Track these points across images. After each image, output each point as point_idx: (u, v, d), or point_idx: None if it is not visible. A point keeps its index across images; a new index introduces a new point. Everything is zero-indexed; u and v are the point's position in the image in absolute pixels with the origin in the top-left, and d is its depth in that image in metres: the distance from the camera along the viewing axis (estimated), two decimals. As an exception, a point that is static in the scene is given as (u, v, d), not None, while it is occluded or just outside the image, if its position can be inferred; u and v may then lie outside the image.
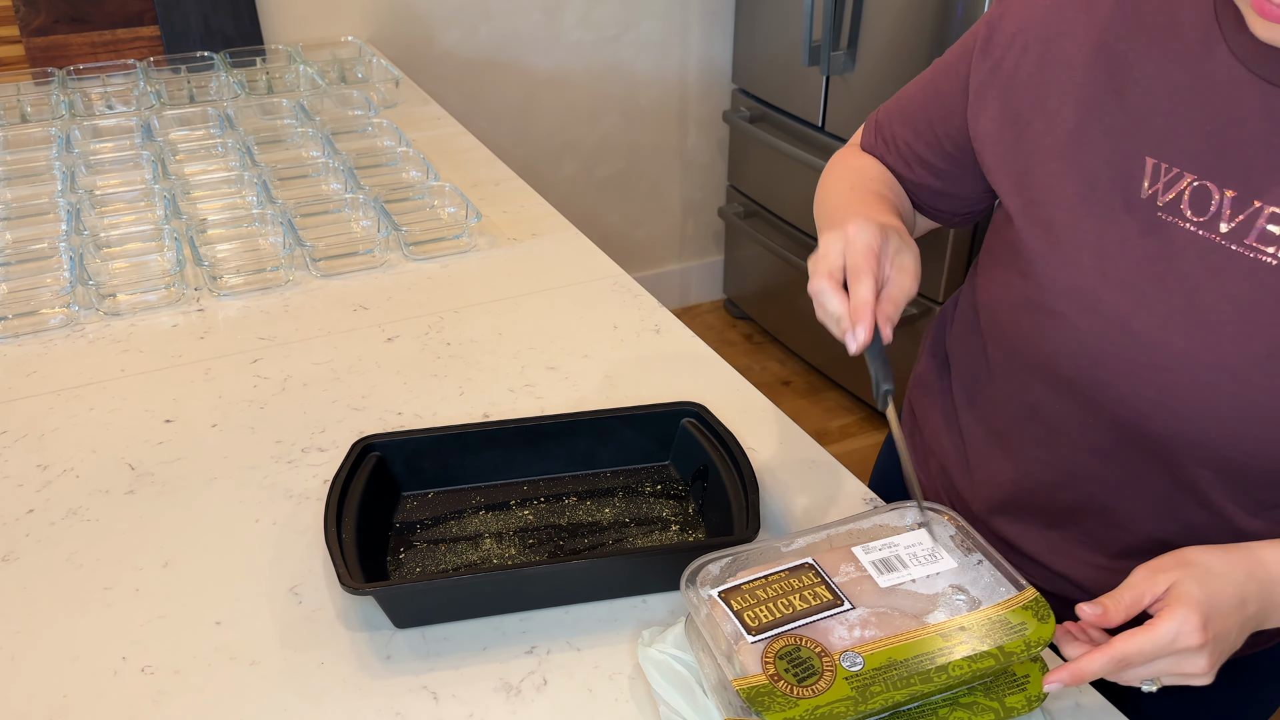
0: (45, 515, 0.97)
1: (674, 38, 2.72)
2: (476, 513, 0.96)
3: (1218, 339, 0.74)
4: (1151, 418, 0.79)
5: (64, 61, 2.06)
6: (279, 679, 0.80)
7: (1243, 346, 0.73)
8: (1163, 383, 0.77)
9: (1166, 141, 0.75)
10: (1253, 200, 0.72)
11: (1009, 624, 0.75)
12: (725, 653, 0.73)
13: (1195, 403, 0.76)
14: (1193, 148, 0.74)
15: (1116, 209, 0.78)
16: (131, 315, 1.28)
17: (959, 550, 0.80)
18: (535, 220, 1.51)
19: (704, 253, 3.10)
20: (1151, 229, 0.76)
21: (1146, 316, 0.77)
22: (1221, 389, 0.74)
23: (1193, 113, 0.74)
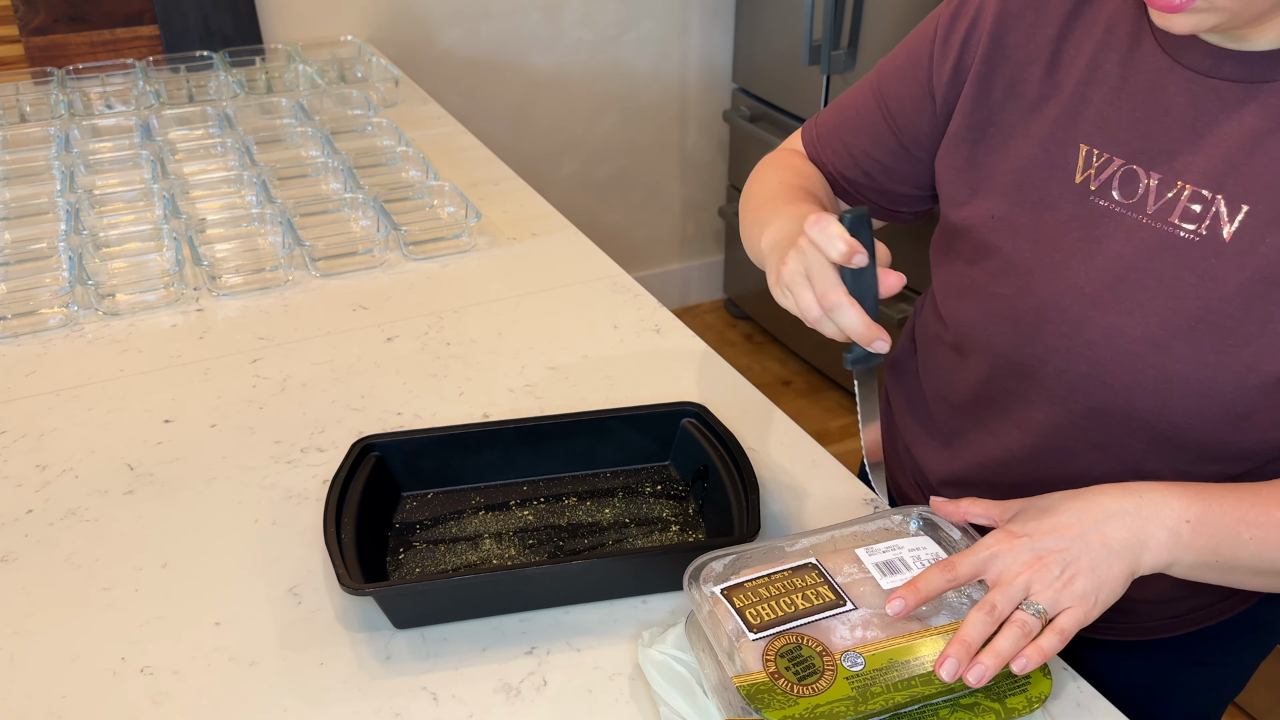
0: (44, 515, 0.96)
1: (674, 37, 2.72)
2: (476, 513, 0.96)
3: (1144, 313, 0.77)
4: (1085, 391, 0.82)
5: (63, 61, 2.06)
6: (278, 680, 0.80)
7: (1166, 320, 0.76)
8: (1093, 358, 0.81)
9: (1098, 129, 0.80)
10: (1176, 181, 0.76)
11: None
12: (726, 650, 0.73)
13: (1123, 375, 0.79)
14: (1122, 134, 0.78)
15: (1052, 194, 0.82)
16: (130, 315, 1.27)
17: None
18: (535, 220, 1.51)
19: (704, 253, 3.10)
20: (1084, 212, 0.80)
21: (1077, 295, 0.81)
22: (1146, 361, 0.78)
23: (1122, 101, 0.79)
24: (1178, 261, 0.76)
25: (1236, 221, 0.73)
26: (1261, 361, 0.74)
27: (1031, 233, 0.83)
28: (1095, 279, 0.80)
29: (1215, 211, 0.74)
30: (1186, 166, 0.75)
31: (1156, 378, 0.78)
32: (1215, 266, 0.74)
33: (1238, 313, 0.74)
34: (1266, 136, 0.72)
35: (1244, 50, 0.73)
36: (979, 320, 0.88)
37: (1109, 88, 0.79)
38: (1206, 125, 0.75)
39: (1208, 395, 0.76)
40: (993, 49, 0.86)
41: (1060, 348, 0.82)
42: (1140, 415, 0.80)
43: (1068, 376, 0.83)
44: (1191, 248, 0.75)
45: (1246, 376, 0.74)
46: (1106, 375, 0.80)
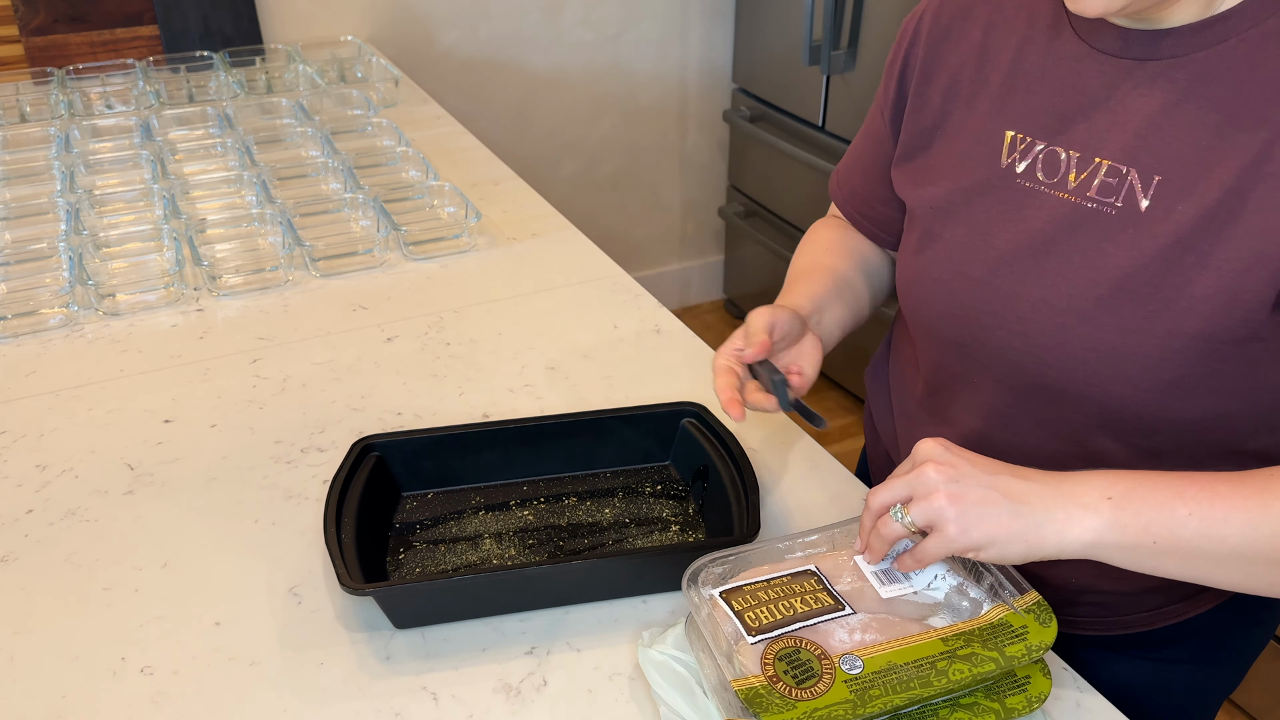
0: (44, 515, 0.96)
1: (674, 37, 2.72)
2: (476, 513, 0.96)
3: (1069, 286, 0.80)
4: (1021, 367, 0.85)
5: (63, 61, 2.06)
6: (278, 680, 0.80)
7: (1089, 290, 0.79)
8: (1024, 332, 0.84)
9: (1022, 116, 0.85)
10: (1093, 157, 0.80)
11: (1010, 628, 0.75)
12: (725, 653, 0.73)
13: (1054, 348, 0.82)
14: (1043, 119, 0.83)
15: (983, 181, 0.87)
16: (130, 315, 1.27)
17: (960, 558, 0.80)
18: (535, 220, 1.51)
19: (704, 253, 3.10)
20: (1011, 194, 0.85)
21: (1008, 273, 0.84)
22: (1074, 331, 0.80)
23: (1043, 88, 0.84)
24: (1098, 234, 0.79)
25: (1150, 192, 0.77)
26: (1182, 324, 0.76)
27: (965, 218, 0.88)
28: (1021, 255, 0.83)
29: (1130, 184, 0.78)
30: (1102, 143, 0.79)
31: (1084, 346, 0.80)
32: (1133, 236, 0.78)
33: (1155, 279, 0.76)
34: (1174, 109, 0.76)
35: (1152, 30, 0.77)
36: (923, 308, 0.93)
37: (1031, 77, 0.84)
38: (1119, 103, 0.79)
39: (1135, 362, 0.78)
40: (928, 60, 0.92)
41: (994, 325, 0.85)
42: (1076, 388, 0.82)
43: (1005, 354, 0.86)
44: (1109, 219, 0.79)
45: (1169, 341, 0.77)
46: (1039, 349, 0.83)
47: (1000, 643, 0.73)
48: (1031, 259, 0.83)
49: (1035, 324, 0.83)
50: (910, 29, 0.96)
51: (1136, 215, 0.78)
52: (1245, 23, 0.74)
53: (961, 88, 0.90)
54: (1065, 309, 0.81)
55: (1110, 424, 0.83)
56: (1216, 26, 0.75)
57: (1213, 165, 0.74)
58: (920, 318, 0.94)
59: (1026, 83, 0.85)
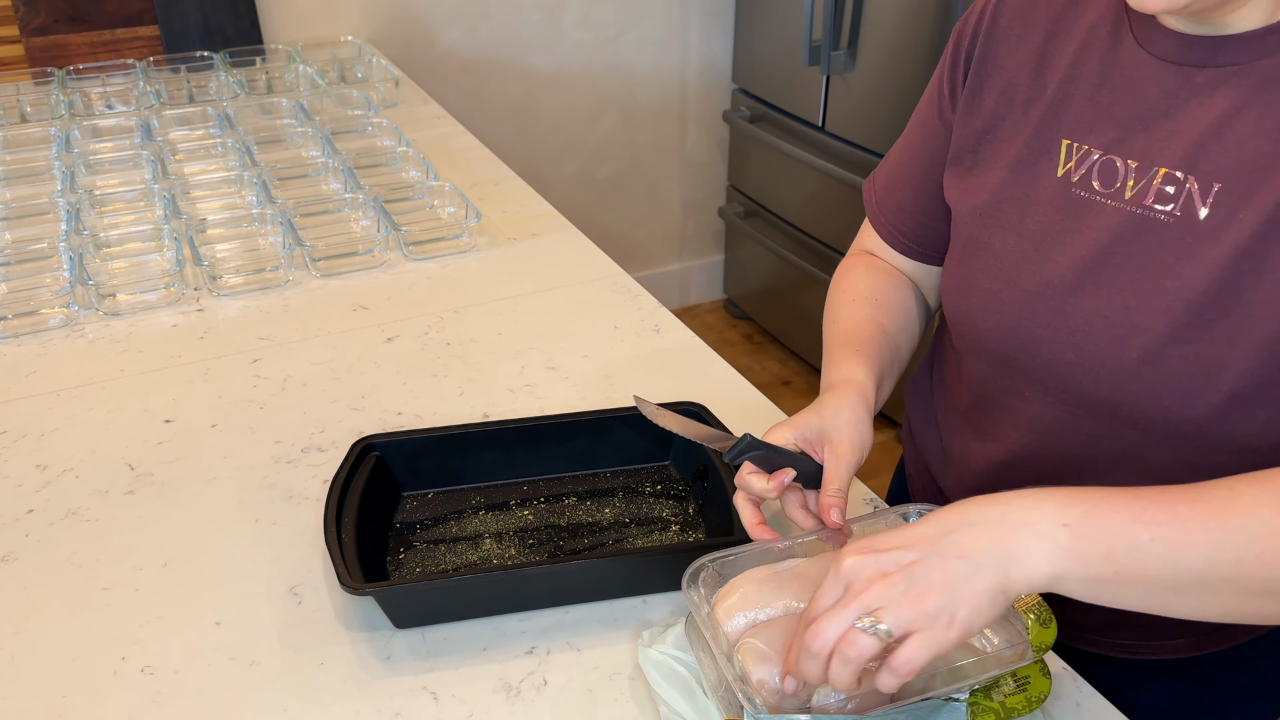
0: (45, 515, 0.96)
1: (674, 37, 2.72)
2: (476, 513, 0.96)
3: (1123, 296, 0.78)
4: (1074, 380, 0.83)
5: (63, 61, 2.06)
6: (278, 679, 0.80)
7: (1144, 301, 0.77)
8: (1078, 344, 0.81)
9: (1079, 124, 0.82)
10: (1151, 166, 0.78)
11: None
12: (725, 652, 0.73)
13: (1107, 360, 0.80)
14: (1100, 127, 0.81)
15: (1037, 189, 0.84)
16: (131, 315, 1.28)
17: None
18: (535, 220, 1.51)
19: (704, 253, 3.10)
20: (1065, 204, 0.82)
21: (1060, 284, 0.82)
22: (1128, 343, 0.78)
23: (1102, 96, 0.81)
24: (1155, 243, 0.77)
25: (1209, 200, 0.75)
26: (1240, 334, 0.74)
27: (1016, 226, 0.85)
28: (1075, 266, 0.81)
29: (1189, 192, 0.76)
30: (1160, 151, 0.77)
31: (1139, 359, 0.78)
32: (1191, 245, 0.75)
33: (1214, 289, 0.74)
34: (1234, 116, 0.74)
35: (1215, 36, 0.75)
36: (971, 318, 0.90)
37: (1089, 85, 0.82)
38: (1179, 111, 0.77)
39: (1192, 374, 0.76)
40: (984, 62, 0.89)
41: (1045, 338, 0.83)
42: (1130, 401, 0.80)
43: (1055, 366, 0.83)
44: (1167, 228, 0.77)
45: (1227, 351, 0.75)
46: (1091, 361, 0.81)
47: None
48: (1085, 269, 0.80)
49: (1089, 336, 0.80)
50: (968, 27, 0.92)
51: (1195, 224, 0.75)
52: None
53: (1017, 93, 0.87)
54: (1120, 320, 0.78)
55: (1168, 439, 0.81)
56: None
57: (1273, 172, 0.72)
58: (967, 328, 0.91)
59: (1085, 90, 0.82)
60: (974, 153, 0.90)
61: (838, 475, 0.81)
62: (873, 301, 0.98)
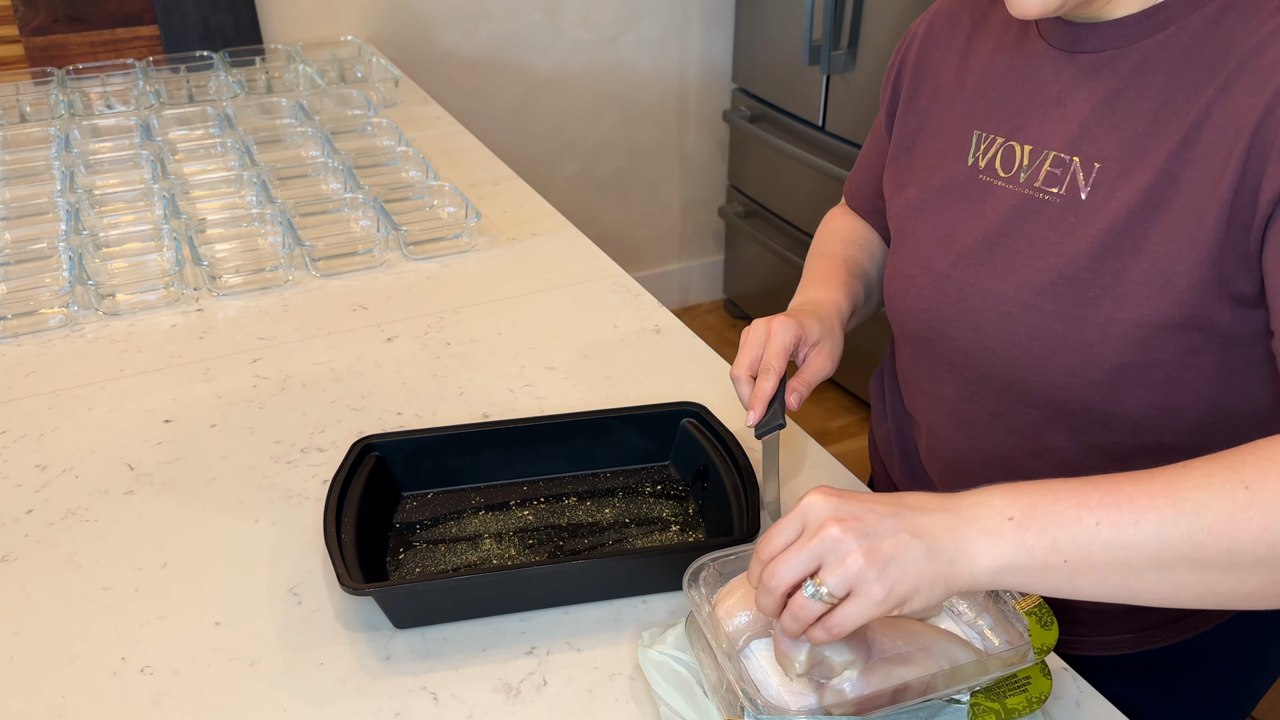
0: (44, 515, 0.96)
1: (674, 37, 2.72)
2: (476, 513, 0.96)
3: (1015, 274, 0.82)
4: (975, 359, 0.87)
5: (63, 61, 2.06)
6: (278, 680, 0.80)
7: (1031, 278, 0.81)
8: (977, 323, 0.85)
9: (988, 116, 0.87)
10: (1043, 150, 0.82)
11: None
12: (726, 652, 0.72)
13: (1000, 337, 0.83)
14: (1005, 117, 0.86)
15: (952, 179, 0.89)
16: (131, 315, 1.27)
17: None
18: (535, 220, 1.51)
19: (704, 253, 3.10)
20: (974, 191, 0.87)
21: (965, 265, 0.86)
22: (1018, 320, 0.82)
23: (1009, 88, 0.86)
24: (1043, 223, 0.81)
25: (1091, 179, 0.79)
26: (1119, 310, 0.77)
27: (935, 215, 0.90)
28: (978, 248, 0.86)
29: (1073, 172, 0.80)
30: (1051, 135, 0.82)
31: (1028, 334, 0.81)
32: (1074, 224, 0.79)
33: (1094, 265, 0.77)
34: (1115, 98, 0.78)
35: (1100, 23, 0.79)
36: (894, 304, 0.95)
37: (1000, 78, 0.87)
38: (1068, 95, 0.81)
39: (1077, 350, 0.79)
40: (919, 65, 0.95)
41: (951, 317, 0.87)
42: (1024, 378, 0.83)
43: (959, 345, 0.88)
44: (1053, 208, 0.81)
45: (1108, 327, 0.77)
46: (987, 339, 0.85)
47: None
48: (985, 251, 0.85)
49: (985, 314, 0.84)
50: (910, 34, 0.98)
51: (1077, 203, 0.79)
52: (1183, 10, 0.76)
53: (943, 91, 0.92)
54: (1010, 298, 0.82)
55: (1061, 418, 0.84)
56: (1157, 15, 0.77)
57: (1147, 151, 0.75)
58: (893, 315, 0.96)
59: (995, 83, 0.87)
60: (908, 150, 0.95)
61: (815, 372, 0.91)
62: (857, 244, 1.08)
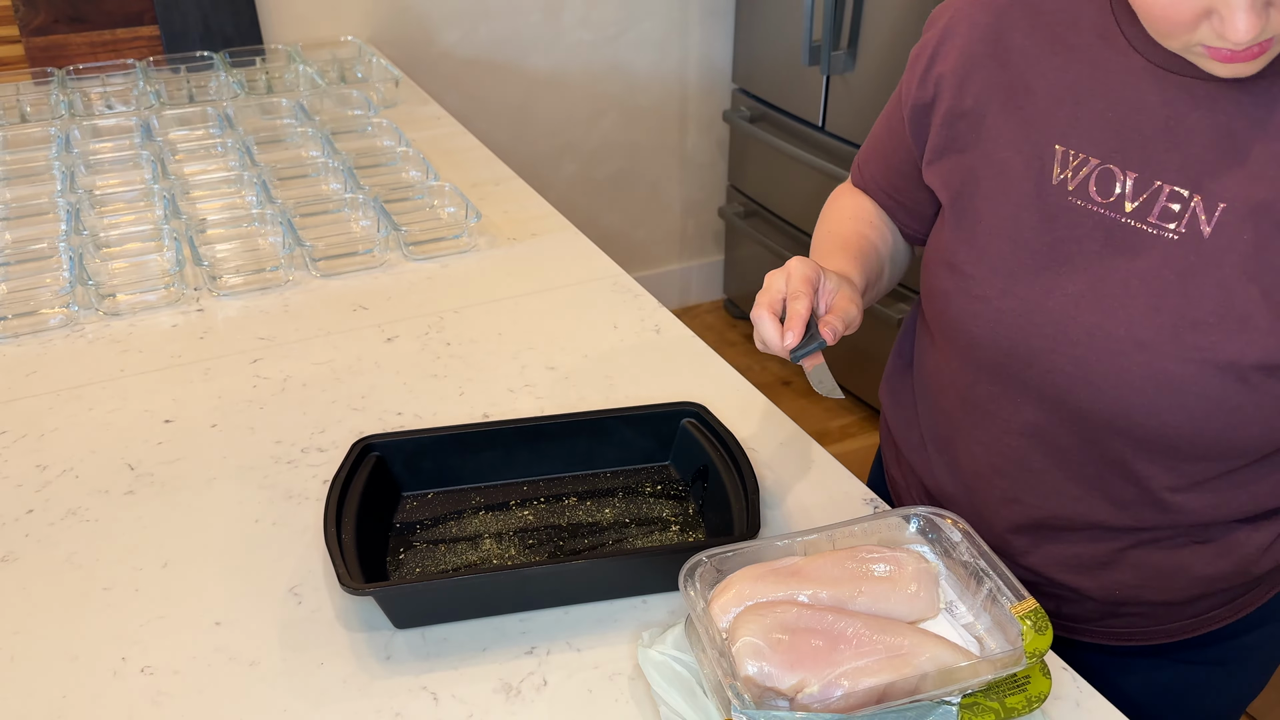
0: (45, 515, 0.96)
1: (674, 37, 2.72)
2: (476, 513, 0.96)
3: (1127, 313, 0.78)
4: (1071, 392, 0.83)
5: (63, 61, 2.06)
6: (278, 680, 0.80)
7: (1150, 319, 0.77)
8: (1078, 356, 0.81)
9: (1072, 130, 0.81)
10: (1153, 180, 0.77)
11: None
12: (719, 648, 0.72)
13: (1109, 374, 0.80)
14: (1096, 134, 0.79)
15: (1030, 195, 0.83)
16: (131, 315, 1.28)
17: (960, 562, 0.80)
18: (535, 220, 1.51)
19: (704, 253, 3.10)
20: (1062, 212, 0.81)
21: (1059, 295, 0.81)
22: (1132, 359, 0.78)
23: (1095, 101, 0.80)
24: (1159, 260, 0.77)
25: (1214, 219, 0.75)
26: (1244, 354, 0.75)
27: (1010, 233, 0.84)
28: (1077, 279, 0.81)
29: (1193, 210, 0.76)
30: (1163, 165, 0.77)
31: (1143, 375, 0.78)
32: (1195, 264, 0.76)
33: (1219, 309, 0.75)
34: (1240, 133, 0.74)
35: None
36: (964, 324, 0.89)
37: (1081, 88, 0.81)
38: (1180, 123, 0.76)
39: (1193, 392, 0.77)
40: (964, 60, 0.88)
41: (1046, 349, 0.83)
42: (1131, 416, 0.80)
43: (1054, 378, 0.83)
44: (1171, 246, 0.77)
45: (1229, 371, 0.75)
46: (1093, 376, 0.81)
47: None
48: (1088, 283, 0.80)
49: (1091, 350, 0.80)
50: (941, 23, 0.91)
51: (1200, 243, 0.75)
52: None
53: (998, 91, 0.86)
54: (1124, 336, 0.78)
55: (1162, 452, 0.81)
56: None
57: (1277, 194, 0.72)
58: (956, 334, 0.90)
59: (1076, 94, 0.81)
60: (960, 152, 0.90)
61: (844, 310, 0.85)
62: (868, 223, 1.02)
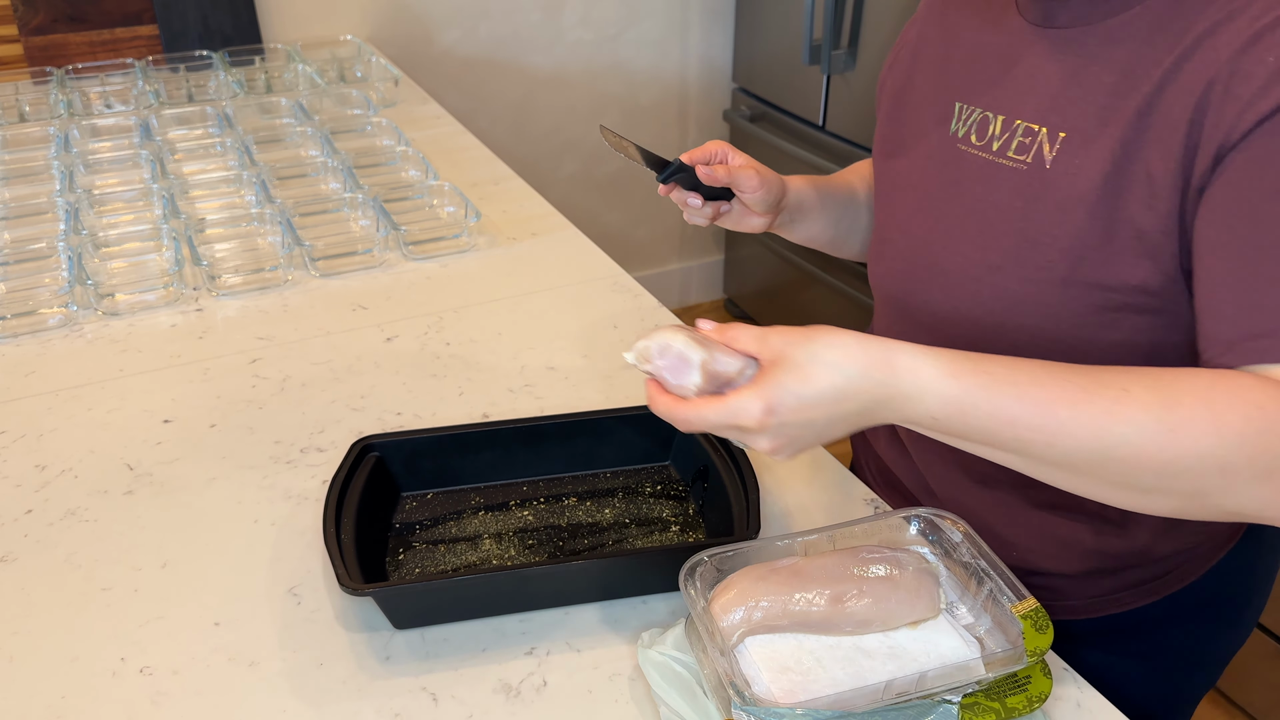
0: (44, 516, 0.96)
1: (674, 37, 2.72)
2: (476, 513, 0.96)
3: (984, 239, 0.86)
4: (946, 320, 0.90)
5: (62, 61, 2.06)
6: (278, 680, 0.80)
7: (998, 242, 0.85)
8: (947, 285, 0.89)
9: (968, 87, 0.91)
10: (1015, 120, 0.86)
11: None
12: (719, 647, 0.72)
13: (969, 299, 0.87)
14: (984, 88, 0.89)
15: (934, 148, 0.93)
16: (130, 315, 1.27)
17: (961, 563, 0.80)
18: (535, 220, 1.51)
19: (704, 252, 3.10)
20: (951, 159, 0.91)
21: (941, 231, 0.90)
22: (984, 282, 0.86)
23: (989, 60, 0.90)
24: (1010, 190, 0.84)
25: (1055, 149, 0.82)
26: (1075, 273, 0.80)
27: (917, 183, 0.94)
28: (950, 213, 0.89)
29: (1039, 142, 0.83)
30: (1023, 106, 0.85)
31: (993, 296, 0.85)
32: (1038, 190, 0.83)
33: (1054, 229, 0.81)
34: (1081, 71, 0.81)
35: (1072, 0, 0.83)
36: (875, 265, 0.99)
37: (982, 51, 0.91)
38: (1041, 69, 0.85)
39: (1039, 311, 0.82)
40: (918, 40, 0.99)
41: (925, 281, 0.91)
42: (988, 338, 0.86)
43: (931, 307, 0.91)
44: (1021, 176, 0.84)
45: (1066, 290, 0.80)
46: (956, 301, 0.88)
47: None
48: (957, 217, 0.89)
49: (955, 277, 0.88)
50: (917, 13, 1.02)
51: (1043, 171, 0.82)
52: None
53: (933, 63, 0.96)
54: (979, 261, 0.86)
55: None
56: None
57: (1109, 121, 0.79)
58: (872, 278, 1.00)
59: (977, 57, 0.91)
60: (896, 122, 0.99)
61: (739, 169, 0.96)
62: (856, 172, 1.14)
